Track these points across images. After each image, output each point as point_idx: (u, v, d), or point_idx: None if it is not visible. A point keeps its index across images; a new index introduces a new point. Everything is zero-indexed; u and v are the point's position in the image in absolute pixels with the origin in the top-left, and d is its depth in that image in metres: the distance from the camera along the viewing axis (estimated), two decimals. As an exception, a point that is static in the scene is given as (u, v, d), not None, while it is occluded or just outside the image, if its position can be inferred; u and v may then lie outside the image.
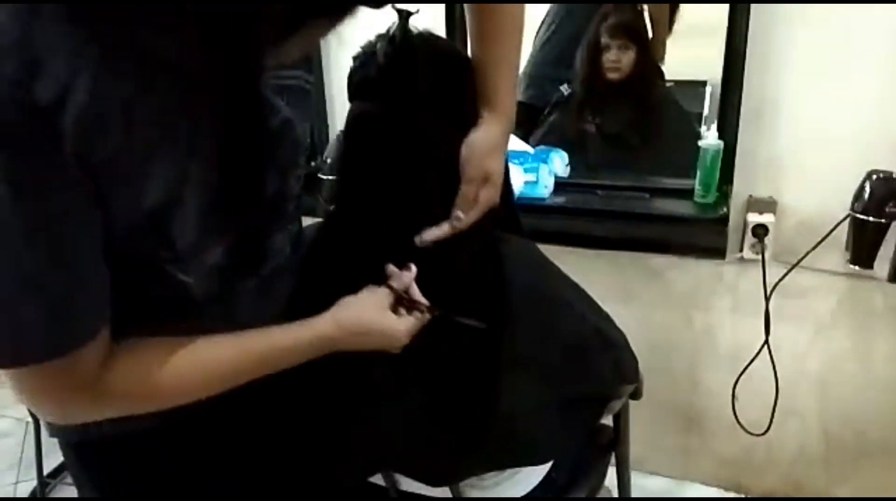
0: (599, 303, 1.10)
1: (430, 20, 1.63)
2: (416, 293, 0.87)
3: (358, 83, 0.90)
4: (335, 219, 0.97)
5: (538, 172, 1.62)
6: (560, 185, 1.70)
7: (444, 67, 0.90)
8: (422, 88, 0.88)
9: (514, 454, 0.93)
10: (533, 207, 1.62)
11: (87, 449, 0.83)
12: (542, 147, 1.82)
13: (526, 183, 1.62)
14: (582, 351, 0.94)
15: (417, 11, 0.88)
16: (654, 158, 2.04)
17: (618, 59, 2.06)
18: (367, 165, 0.92)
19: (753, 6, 1.44)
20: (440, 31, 1.03)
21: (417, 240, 0.90)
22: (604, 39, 2.06)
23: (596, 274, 1.78)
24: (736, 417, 1.72)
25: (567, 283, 1.02)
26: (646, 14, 2.15)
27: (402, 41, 0.86)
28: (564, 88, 2.21)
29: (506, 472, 1.06)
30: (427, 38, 0.89)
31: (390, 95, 0.88)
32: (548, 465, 1.11)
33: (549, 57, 2.29)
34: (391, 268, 0.88)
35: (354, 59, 0.90)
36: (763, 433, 1.70)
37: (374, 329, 0.83)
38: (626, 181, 1.70)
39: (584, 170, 1.89)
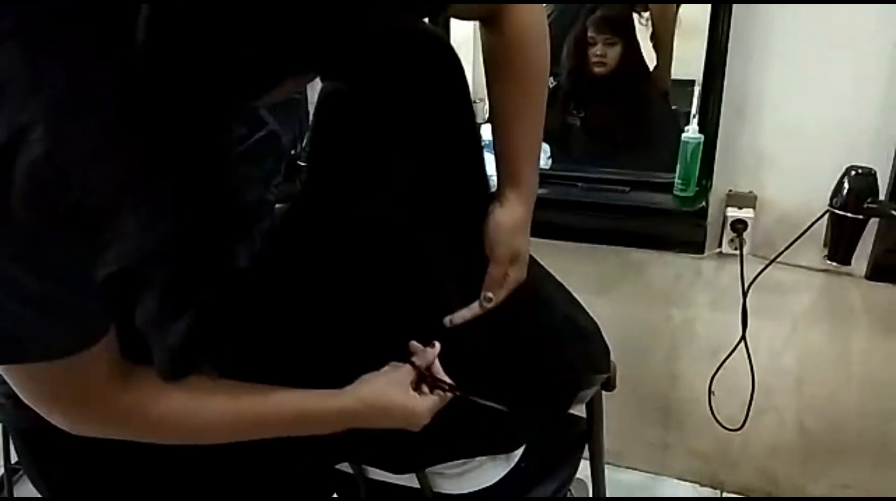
0: (577, 296, 1.09)
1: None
2: (440, 372, 0.86)
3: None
4: (305, 198, 0.96)
5: (518, 163, 1.61)
6: (540, 176, 1.69)
7: (415, 45, 0.88)
8: (392, 66, 0.86)
9: (480, 441, 0.92)
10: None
11: (34, 437, 0.82)
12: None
13: (506, 174, 1.61)
14: (551, 339, 0.93)
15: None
16: (638, 154, 2.04)
17: (603, 54, 2.05)
18: (337, 144, 0.91)
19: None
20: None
21: (447, 321, 0.89)
22: (590, 33, 2.06)
23: (574, 266, 1.79)
24: (712, 412, 1.72)
25: (539, 271, 1.01)
26: (644, 14, 2.13)
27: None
28: (550, 81, 2.20)
29: (474, 461, 1.05)
30: None
31: (360, 73, 0.87)
32: (517, 454, 1.10)
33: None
34: (415, 345, 0.87)
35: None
36: (738, 428, 1.70)
37: (396, 408, 0.82)
38: (607, 174, 1.69)
39: (568, 163, 1.88)
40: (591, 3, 2.10)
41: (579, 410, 1.20)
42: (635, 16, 2.12)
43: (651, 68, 2.07)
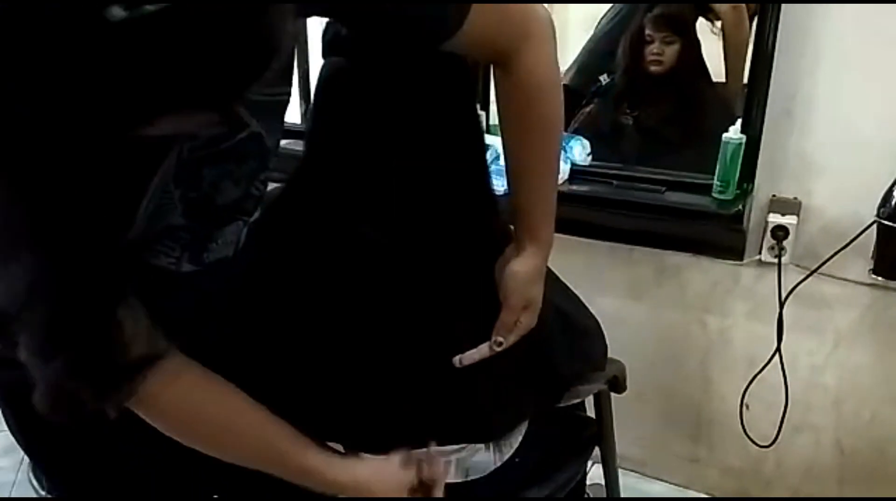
0: (610, 298, 1.07)
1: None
2: (440, 489, 0.89)
3: (330, 40, 0.90)
4: (303, 173, 0.97)
5: (551, 158, 1.59)
6: (576, 173, 1.66)
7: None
8: (386, 51, 0.86)
9: (460, 427, 0.91)
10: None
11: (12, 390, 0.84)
12: (563, 134, 1.79)
13: (538, 168, 1.59)
14: (539, 332, 0.92)
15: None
16: (689, 155, 1.97)
17: (661, 52, 2.00)
18: (338, 120, 0.91)
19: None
20: None
21: (456, 362, 0.89)
22: (647, 31, 2.01)
23: (610, 267, 1.76)
24: (743, 427, 1.66)
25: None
26: (717, 24, 2.06)
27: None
28: (604, 78, 2.16)
29: (464, 451, 1.04)
30: None
31: (359, 51, 0.87)
32: (510, 448, 1.08)
33: (603, 49, 2.24)
34: (431, 452, 0.89)
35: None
36: (770, 445, 1.62)
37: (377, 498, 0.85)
38: (644, 173, 1.64)
39: (616, 163, 1.84)
40: (661, 3, 2.05)
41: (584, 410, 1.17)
42: (706, 24, 2.06)
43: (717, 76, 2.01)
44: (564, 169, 1.63)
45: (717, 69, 2.04)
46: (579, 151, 1.73)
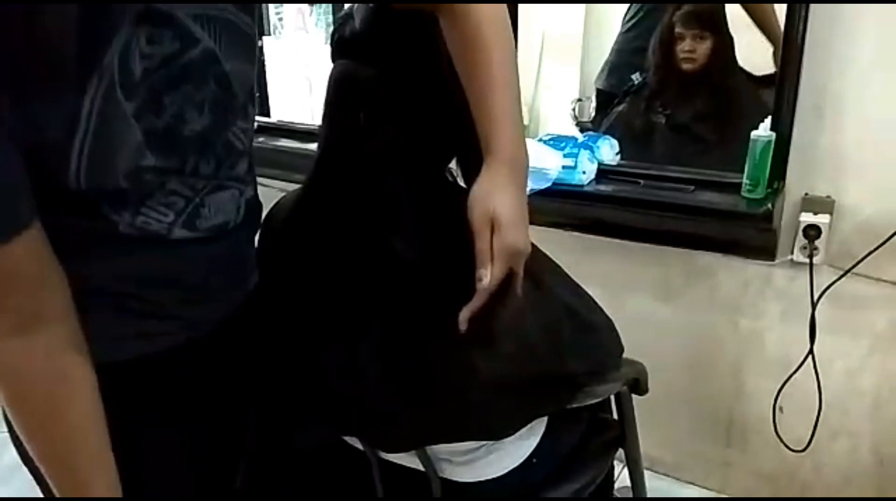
0: (640, 299, 1.05)
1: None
2: None
3: (336, 43, 0.91)
4: (318, 177, 0.98)
5: (577, 158, 1.58)
6: (603, 172, 1.65)
7: (418, 29, 0.89)
8: (393, 48, 0.87)
9: (464, 425, 0.91)
10: (569, 193, 1.58)
11: None
12: (590, 134, 1.77)
13: (564, 168, 1.58)
14: (547, 330, 0.91)
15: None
16: (723, 153, 1.94)
17: (693, 49, 1.97)
18: (347, 123, 0.93)
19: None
20: None
21: (462, 324, 0.83)
22: (678, 29, 1.98)
23: (639, 268, 1.74)
24: (776, 431, 1.62)
25: (543, 263, 0.99)
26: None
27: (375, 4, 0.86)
28: (636, 77, 2.14)
29: (480, 449, 1.04)
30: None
31: (366, 54, 0.88)
32: (528, 448, 1.08)
33: (631, 46, 2.22)
34: None
35: (336, 20, 0.91)
36: (803, 450, 1.58)
37: None
38: (672, 172, 1.62)
39: (648, 162, 1.82)
40: (686, 2, 2.02)
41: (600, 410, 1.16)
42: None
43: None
44: (591, 169, 1.62)
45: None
46: (607, 150, 1.71)
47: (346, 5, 0.92)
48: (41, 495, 0.84)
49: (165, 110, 0.70)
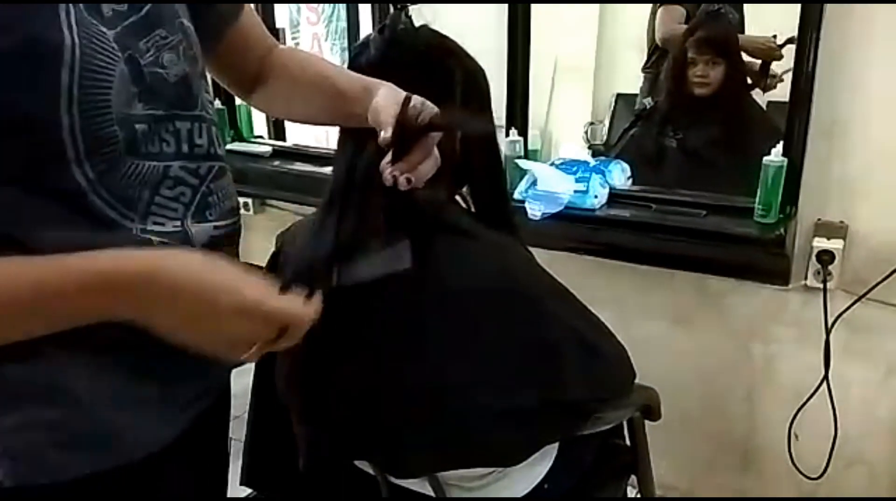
0: (653, 323, 1.05)
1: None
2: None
3: (356, 65, 0.92)
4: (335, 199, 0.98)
5: (589, 182, 1.58)
6: (614, 197, 1.65)
7: (433, 59, 0.90)
8: (408, 76, 0.88)
9: (467, 453, 0.91)
10: (581, 217, 1.58)
11: None
12: (602, 158, 1.78)
13: (576, 192, 1.58)
14: (550, 356, 0.91)
15: (413, 2, 0.89)
16: (735, 178, 1.94)
17: (705, 74, 1.98)
18: (362, 149, 0.93)
19: (826, 22, 1.35)
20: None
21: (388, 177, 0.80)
22: (691, 54, 1.99)
23: (651, 292, 1.73)
24: (791, 458, 1.60)
25: (549, 287, 0.99)
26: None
27: (391, 34, 0.88)
28: (648, 101, 2.15)
29: (491, 475, 1.04)
30: (419, 31, 0.90)
31: (385, 75, 0.90)
32: (539, 473, 1.08)
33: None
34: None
35: (352, 49, 0.93)
36: (818, 477, 1.56)
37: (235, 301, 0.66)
38: (683, 197, 1.62)
39: (659, 186, 1.82)
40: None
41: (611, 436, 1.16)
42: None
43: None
44: (603, 193, 1.62)
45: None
46: (618, 174, 1.72)
47: (363, 34, 0.93)
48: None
49: (145, 54, 0.71)
